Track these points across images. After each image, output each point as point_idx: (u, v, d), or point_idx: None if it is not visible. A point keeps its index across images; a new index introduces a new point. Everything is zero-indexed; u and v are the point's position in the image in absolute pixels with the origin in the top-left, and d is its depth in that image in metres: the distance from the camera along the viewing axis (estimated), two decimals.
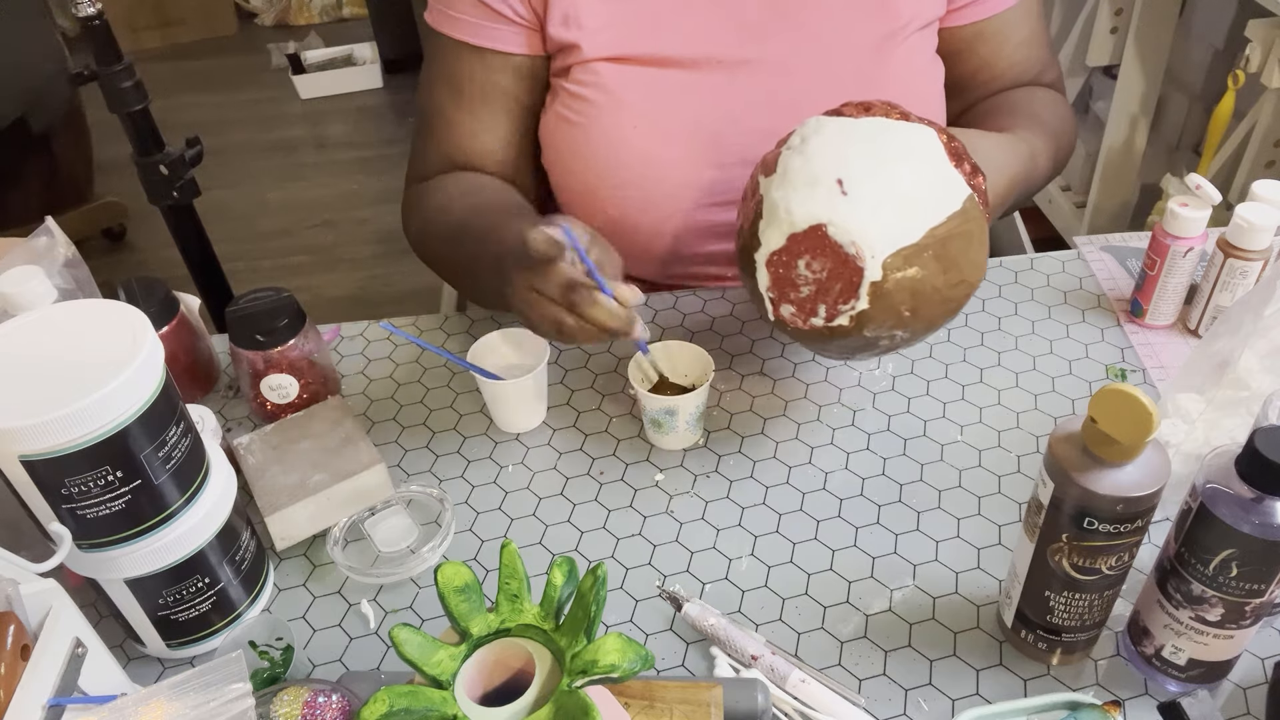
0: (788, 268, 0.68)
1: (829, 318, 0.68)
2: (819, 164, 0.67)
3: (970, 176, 0.68)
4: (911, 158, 0.67)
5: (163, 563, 0.65)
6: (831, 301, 0.67)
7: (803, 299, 0.68)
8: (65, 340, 0.61)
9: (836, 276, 0.66)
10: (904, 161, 0.67)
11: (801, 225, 0.66)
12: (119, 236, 2.75)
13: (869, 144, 0.67)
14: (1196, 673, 0.63)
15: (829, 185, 0.66)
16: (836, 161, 0.67)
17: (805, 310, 0.68)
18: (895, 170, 0.66)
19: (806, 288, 0.68)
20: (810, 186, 0.67)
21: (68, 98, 2.40)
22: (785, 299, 0.69)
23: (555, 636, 0.54)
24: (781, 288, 0.69)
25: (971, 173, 0.69)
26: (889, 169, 0.66)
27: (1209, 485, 0.57)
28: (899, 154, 0.67)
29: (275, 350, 0.84)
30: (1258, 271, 0.85)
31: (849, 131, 0.68)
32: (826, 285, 0.67)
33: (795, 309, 0.69)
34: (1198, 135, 1.98)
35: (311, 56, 3.52)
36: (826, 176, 0.66)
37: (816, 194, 0.66)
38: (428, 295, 2.36)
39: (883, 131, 0.68)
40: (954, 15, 0.94)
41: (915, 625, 0.70)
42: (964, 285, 0.68)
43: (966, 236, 0.67)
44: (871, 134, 0.68)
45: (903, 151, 0.67)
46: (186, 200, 1.70)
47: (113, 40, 1.51)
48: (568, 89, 0.90)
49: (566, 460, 0.84)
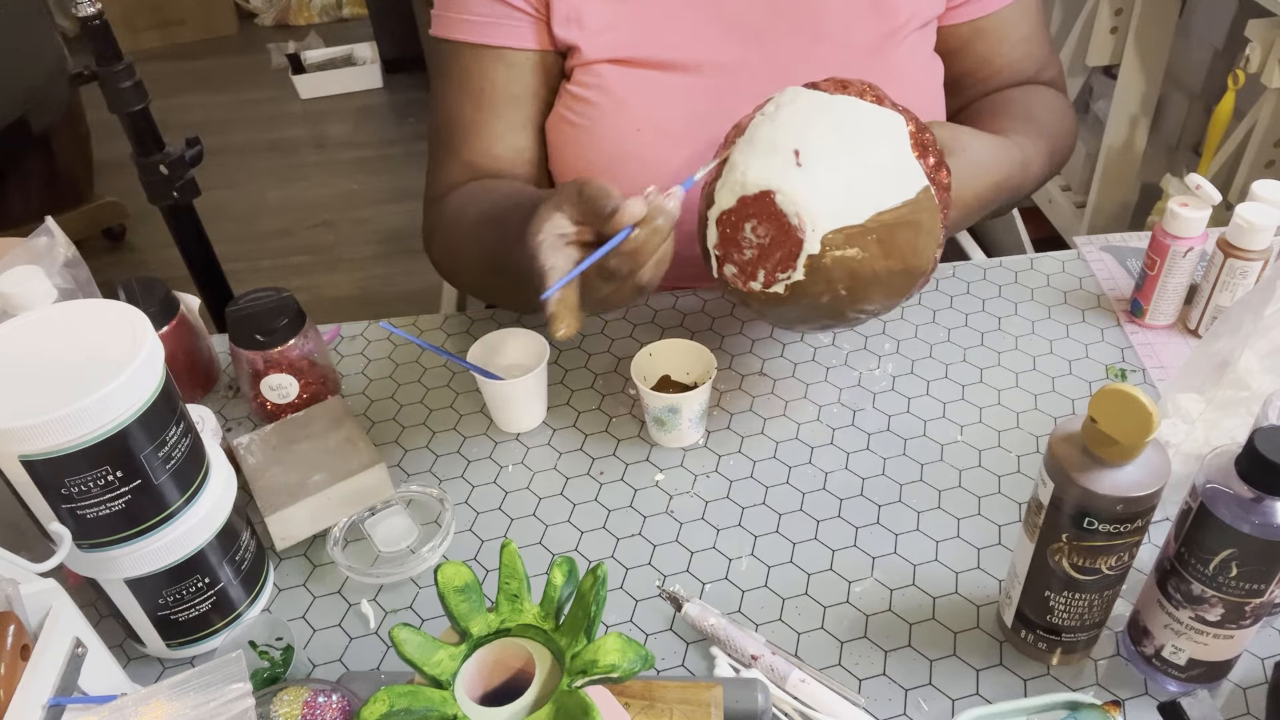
0: (735, 229, 0.69)
1: (766, 284, 0.68)
2: (782, 133, 0.68)
3: (933, 170, 0.69)
4: (873, 141, 0.68)
5: (163, 563, 0.65)
6: (770, 268, 0.68)
7: (745, 261, 0.69)
8: (65, 340, 0.61)
9: (778, 245, 0.67)
10: (865, 143, 0.67)
11: (752, 189, 0.68)
12: (119, 236, 2.75)
13: (835, 121, 0.68)
14: (1196, 673, 0.63)
15: (786, 154, 0.67)
16: (799, 133, 0.68)
17: (745, 273, 0.69)
18: (854, 150, 0.67)
19: (750, 250, 0.69)
20: (769, 154, 0.68)
21: (68, 98, 2.40)
22: (729, 259, 0.70)
23: (555, 636, 0.54)
24: (727, 247, 0.70)
25: (935, 166, 0.69)
26: (848, 148, 0.67)
27: (1209, 485, 0.57)
28: (862, 135, 0.68)
29: (275, 350, 0.84)
30: (1258, 271, 0.85)
31: (819, 106, 0.69)
32: (768, 251, 0.68)
33: (737, 270, 0.70)
34: (1198, 135, 1.98)
35: (311, 56, 3.52)
36: (785, 146, 0.67)
37: (773, 161, 0.67)
38: (428, 295, 2.36)
39: (852, 111, 0.69)
40: (953, 13, 0.94)
41: (915, 625, 0.70)
42: (905, 274, 0.68)
43: (915, 226, 0.67)
44: (841, 112, 0.69)
45: (866, 133, 0.68)
46: (186, 200, 1.70)
47: (113, 40, 1.51)
48: (570, 90, 0.90)
49: (566, 460, 0.84)
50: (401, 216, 2.77)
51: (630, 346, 0.95)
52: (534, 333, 0.87)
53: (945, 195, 0.70)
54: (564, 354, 0.94)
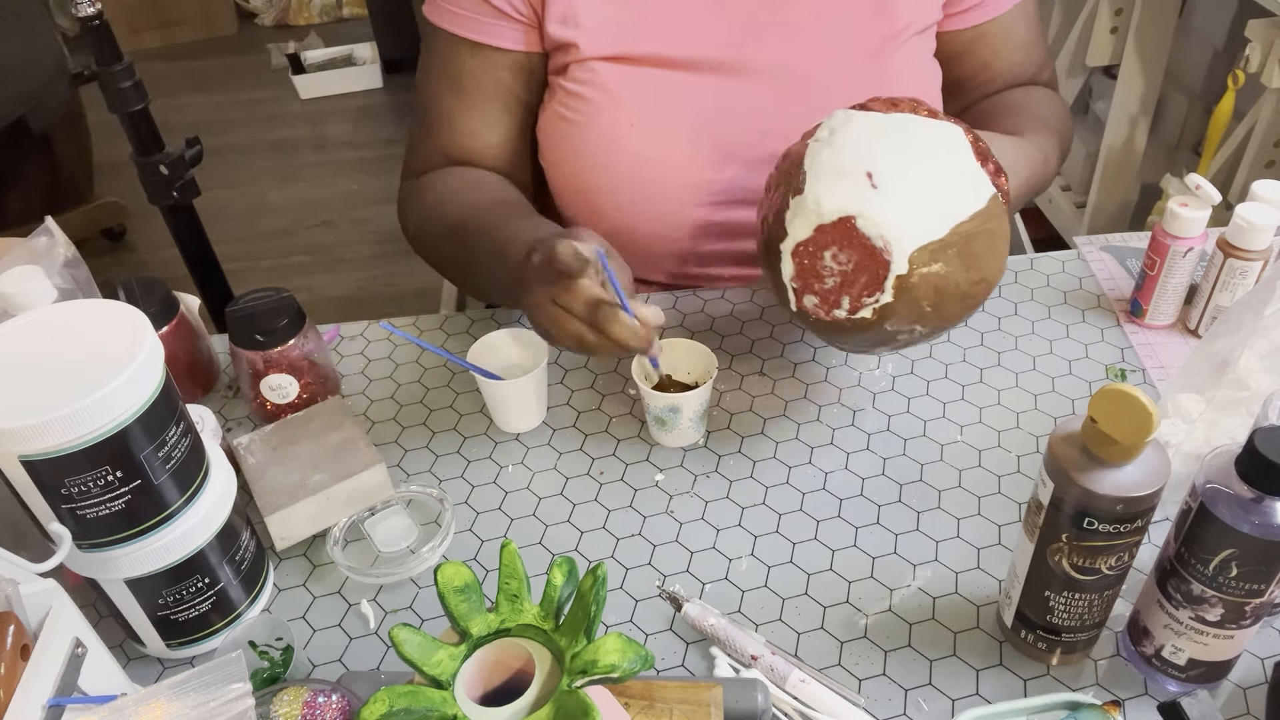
0: (814, 259, 0.68)
1: (852, 310, 0.68)
2: (848, 156, 0.67)
3: (994, 176, 0.69)
4: (940, 154, 0.67)
5: (163, 563, 0.65)
6: (856, 294, 0.67)
7: (827, 290, 0.69)
8: (65, 340, 0.61)
9: (863, 269, 0.67)
10: (933, 157, 0.67)
11: (830, 216, 0.67)
12: (119, 236, 2.74)
13: (898, 138, 0.68)
14: (1196, 673, 0.63)
15: (858, 177, 0.66)
16: (866, 154, 0.67)
17: (829, 302, 0.69)
18: (924, 166, 0.67)
19: (831, 279, 0.68)
20: (839, 179, 0.67)
21: (68, 98, 2.40)
22: (809, 289, 0.69)
23: (555, 636, 0.54)
24: (806, 278, 0.69)
25: (995, 172, 0.69)
26: (918, 164, 0.67)
27: (1209, 485, 0.57)
28: (928, 150, 0.67)
29: (275, 350, 0.84)
30: (1258, 271, 0.85)
31: (878, 126, 0.69)
32: (852, 277, 0.67)
33: (819, 300, 0.69)
34: (1198, 135, 1.98)
35: (311, 56, 3.52)
36: (856, 169, 0.67)
37: (845, 186, 0.67)
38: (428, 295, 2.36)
39: (911, 126, 0.69)
40: (955, 19, 0.94)
41: (915, 625, 0.70)
42: (984, 284, 0.68)
43: (990, 235, 0.67)
44: (900, 129, 0.68)
45: (931, 147, 0.68)
46: (186, 200, 1.70)
47: (113, 40, 1.51)
48: (565, 87, 0.90)
49: (566, 460, 0.84)
50: None
51: None
52: (534, 333, 0.87)
53: (1008, 200, 0.70)
54: (564, 354, 0.94)
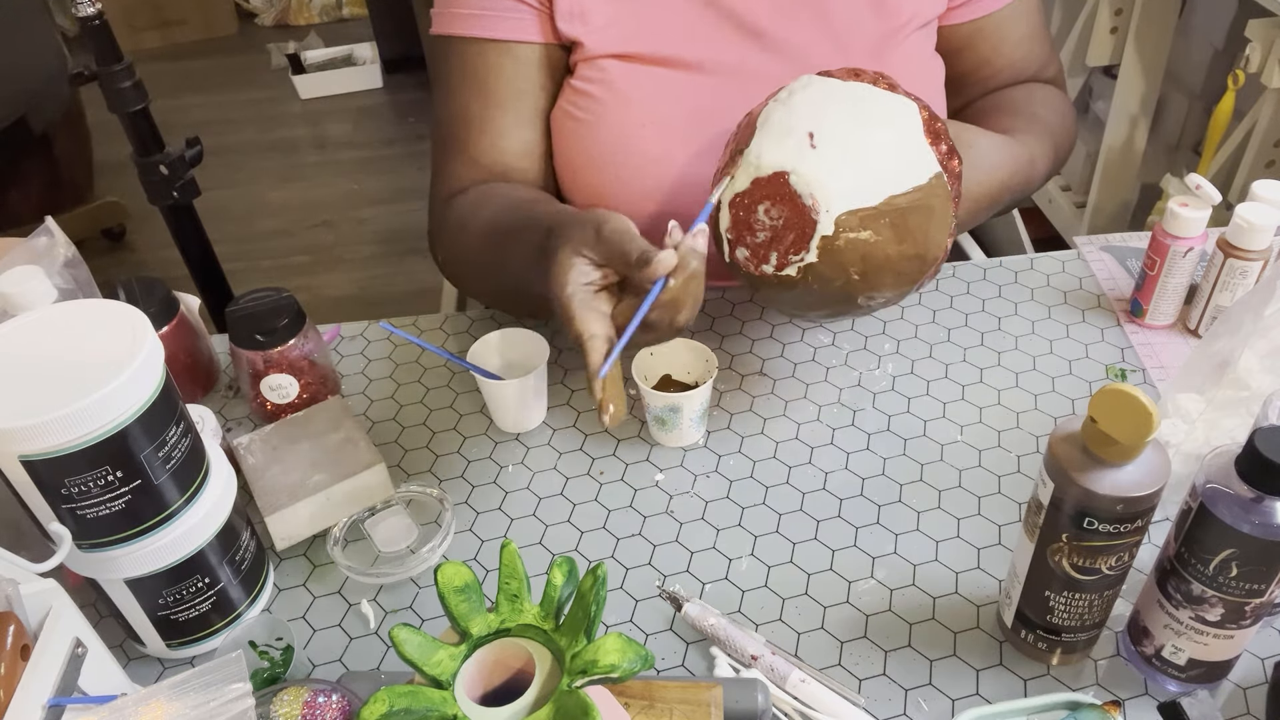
0: (748, 211, 0.69)
1: (779, 266, 0.68)
2: (797, 117, 0.69)
3: (945, 157, 0.69)
4: (887, 125, 0.68)
5: (163, 563, 0.65)
6: (783, 250, 0.68)
7: (758, 244, 0.69)
8: (65, 340, 0.61)
9: (791, 226, 0.67)
10: (878, 127, 0.68)
11: (767, 171, 0.68)
12: (119, 236, 2.75)
13: (849, 105, 0.69)
14: (1196, 673, 0.63)
15: (800, 136, 0.67)
16: (813, 116, 0.68)
17: (758, 256, 0.69)
18: (868, 133, 0.67)
19: (763, 233, 0.69)
20: (784, 136, 0.68)
21: (68, 98, 2.40)
22: (742, 241, 0.70)
23: (555, 636, 0.54)
24: (740, 230, 0.70)
25: (947, 154, 0.69)
26: (862, 131, 0.67)
27: (1209, 485, 0.57)
28: (875, 119, 0.68)
29: (275, 350, 0.84)
30: (1258, 271, 0.85)
31: (833, 91, 0.70)
32: (781, 233, 0.68)
33: (749, 253, 0.70)
34: (1198, 135, 1.98)
35: (311, 56, 3.52)
36: (800, 129, 0.68)
37: (786, 143, 0.68)
38: (428, 295, 2.36)
39: (866, 97, 0.69)
40: (954, 13, 0.94)
41: (915, 625, 0.70)
42: (918, 260, 0.68)
43: (927, 211, 0.67)
44: (854, 97, 0.69)
45: (880, 118, 0.68)
46: (186, 200, 1.70)
47: (113, 40, 1.51)
48: (574, 85, 0.90)
49: (566, 460, 0.84)
50: (401, 216, 2.77)
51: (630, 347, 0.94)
52: (534, 333, 0.87)
53: (957, 183, 0.70)
54: (564, 354, 0.94)
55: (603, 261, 0.66)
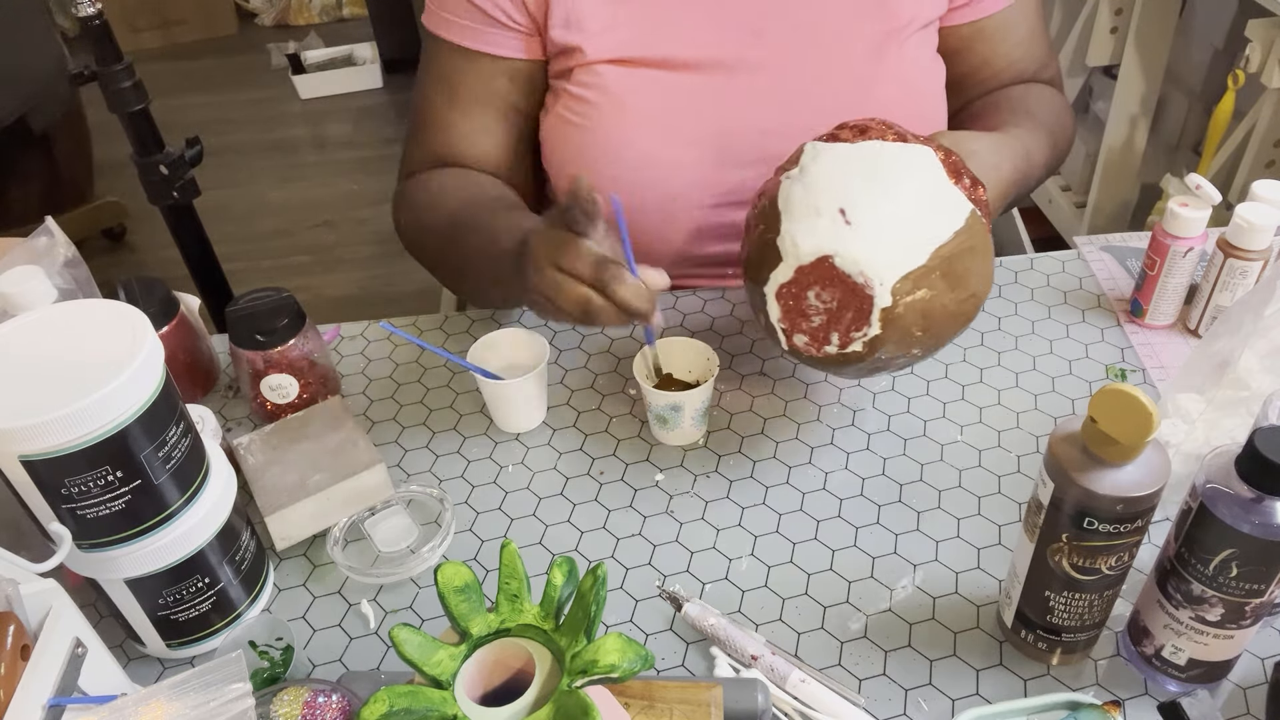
0: (798, 299, 0.69)
1: (843, 345, 0.68)
2: (820, 193, 0.67)
3: (971, 190, 0.69)
4: (911, 180, 0.67)
5: (163, 563, 0.65)
6: (844, 330, 0.67)
7: (815, 329, 0.69)
8: (65, 340, 0.61)
9: (847, 305, 0.67)
10: (904, 184, 0.67)
11: (808, 258, 0.67)
12: (119, 236, 2.75)
13: (868, 169, 0.68)
14: (1196, 673, 0.63)
15: (832, 215, 0.66)
16: (838, 190, 0.67)
17: (818, 339, 0.69)
18: (896, 194, 0.66)
19: (818, 317, 0.68)
20: (813, 217, 0.67)
21: (68, 98, 2.40)
22: (797, 329, 0.69)
23: (555, 636, 0.54)
24: (793, 319, 0.69)
25: (971, 186, 0.69)
26: (890, 194, 0.66)
27: (1209, 485, 0.57)
28: (898, 177, 0.67)
29: (275, 350, 0.84)
30: (1258, 271, 0.85)
31: (847, 157, 0.69)
32: (838, 314, 0.67)
33: (809, 339, 0.69)
34: (1198, 135, 1.98)
35: (311, 56, 3.52)
36: (829, 206, 0.67)
37: (820, 225, 0.67)
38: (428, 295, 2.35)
39: (880, 155, 0.68)
40: (954, 14, 0.94)
41: (915, 625, 0.70)
42: (973, 299, 0.68)
43: (972, 252, 0.67)
44: (869, 158, 0.68)
45: (902, 174, 0.67)
46: (186, 200, 1.70)
47: (113, 40, 1.51)
48: (570, 91, 0.90)
49: (566, 460, 0.84)
50: None
51: (630, 346, 0.95)
52: (534, 333, 0.87)
53: (987, 211, 0.70)
54: (564, 354, 0.94)
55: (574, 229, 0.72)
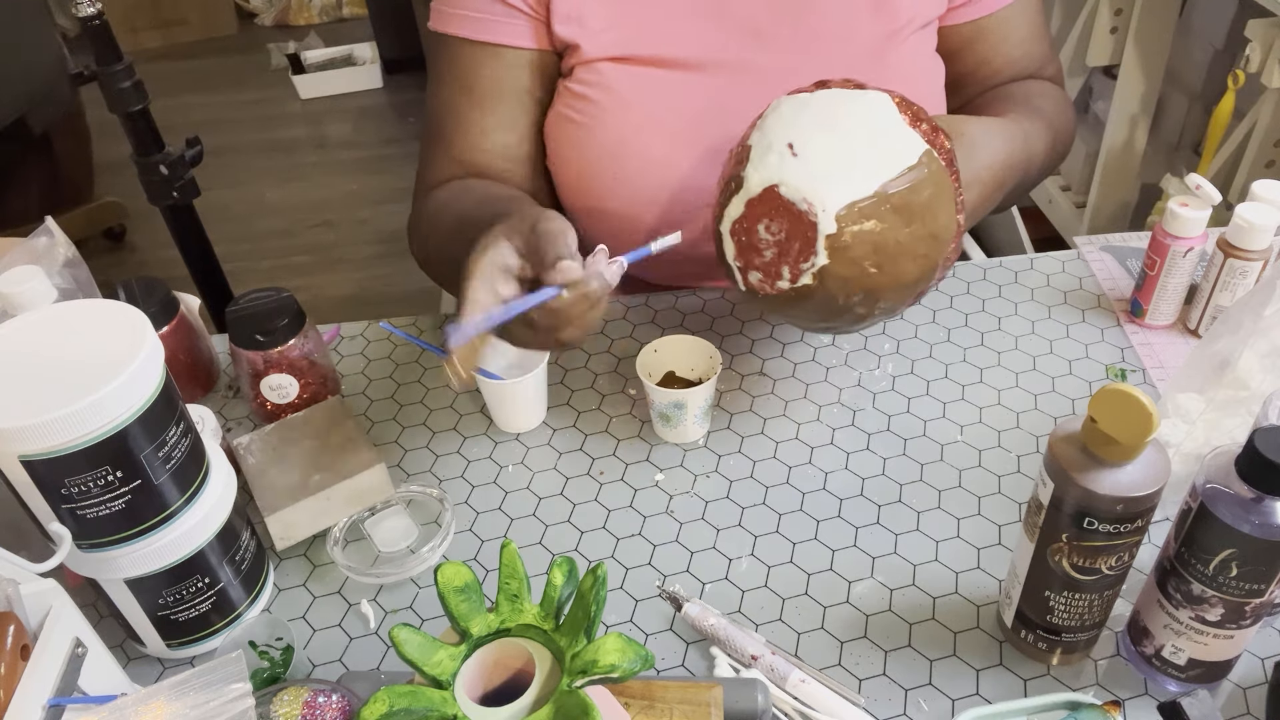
0: (749, 234, 0.69)
1: (793, 278, 0.68)
2: (772, 134, 0.69)
3: (930, 134, 0.69)
4: (863, 117, 0.68)
5: (163, 563, 0.65)
6: (793, 261, 0.68)
7: (767, 263, 0.69)
8: (65, 340, 0.61)
9: (794, 235, 0.67)
10: (855, 121, 0.68)
11: (757, 189, 0.68)
12: (119, 236, 2.75)
13: (821, 110, 0.69)
14: (1196, 673, 0.63)
15: (780, 150, 0.68)
16: (789, 129, 0.69)
17: (771, 274, 0.69)
18: (846, 129, 0.68)
19: (769, 250, 0.69)
20: (764, 154, 0.69)
21: (68, 98, 2.40)
22: (751, 265, 0.70)
23: (555, 636, 0.54)
24: (746, 255, 0.70)
25: (932, 131, 0.69)
26: (839, 128, 0.68)
27: (1209, 485, 0.57)
28: (850, 115, 0.69)
29: (275, 350, 0.84)
30: (1258, 271, 0.85)
31: (802, 103, 0.71)
32: (786, 245, 0.68)
33: (761, 274, 0.70)
34: (1198, 135, 1.98)
35: (311, 56, 3.52)
36: (779, 143, 0.68)
37: (769, 160, 0.68)
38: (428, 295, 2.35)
39: (836, 99, 0.70)
40: (954, 13, 0.94)
41: (915, 625, 0.70)
42: (931, 240, 0.68)
43: (927, 188, 0.67)
44: (825, 103, 0.70)
45: (854, 113, 0.69)
46: (186, 200, 1.70)
47: (113, 40, 1.51)
48: (571, 88, 0.90)
49: (566, 460, 0.84)
50: (401, 216, 2.75)
51: (630, 346, 0.95)
52: None
53: (950, 158, 0.70)
54: (564, 354, 0.94)
55: (525, 253, 0.66)
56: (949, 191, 0.68)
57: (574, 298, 0.62)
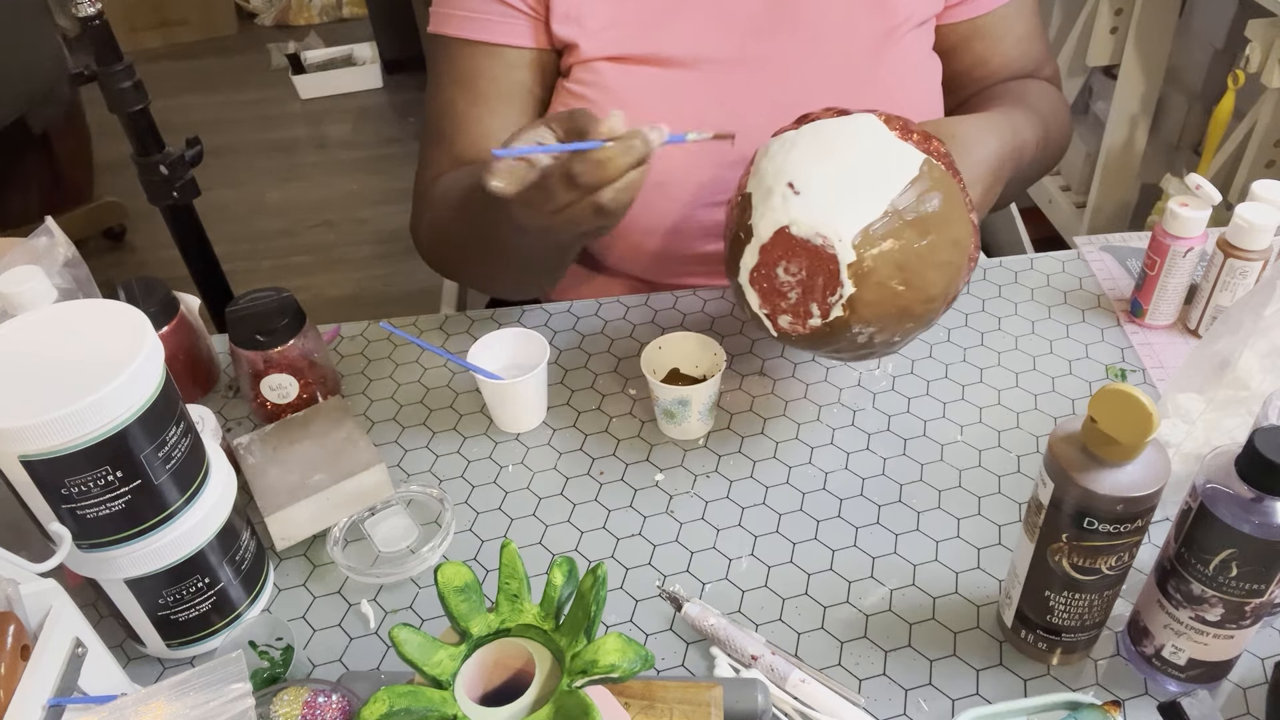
0: (770, 279, 0.69)
1: (824, 313, 0.68)
2: (769, 177, 0.69)
3: (923, 143, 0.69)
4: (853, 141, 0.68)
5: (163, 563, 0.65)
6: (821, 297, 0.67)
7: (793, 304, 0.69)
8: (65, 340, 0.61)
9: (816, 271, 0.67)
10: (846, 147, 0.68)
11: (767, 235, 0.68)
12: (119, 236, 2.75)
13: (811, 144, 0.69)
14: (1196, 673, 0.63)
15: (782, 191, 0.68)
16: (784, 169, 0.69)
17: (800, 314, 0.69)
18: (841, 158, 0.68)
19: (793, 292, 0.69)
20: (766, 199, 0.68)
21: (68, 98, 2.40)
22: (779, 310, 0.70)
23: (555, 636, 0.54)
24: (771, 300, 0.70)
25: (924, 139, 0.69)
26: (834, 158, 0.68)
27: (1209, 485, 0.57)
28: (841, 143, 0.69)
29: (275, 350, 0.84)
30: (1258, 271, 0.85)
31: (791, 141, 0.70)
32: (809, 283, 0.67)
33: (791, 316, 0.69)
34: (1198, 135, 1.98)
35: (311, 56, 3.52)
36: (778, 184, 0.68)
37: (773, 203, 0.68)
38: (428, 295, 2.36)
39: (822, 130, 0.70)
40: (951, 11, 0.94)
41: (915, 625, 0.70)
42: (952, 245, 0.68)
43: (936, 196, 0.67)
44: (812, 136, 0.70)
45: (844, 139, 0.69)
46: (186, 200, 1.70)
47: (113, 40, 1.51)
48: (569, 88, 0.90)
49: (566, 460, 0.84)
50: (401, 216, 2.75)
51: (631, 346, 0.95)
52: (534, 333, 0.87)
53: (948, 160, 0.70)
54: (564, 354, 0.94)
55: (564, 133, 0.70)
56: (957, 194, 0.68)
57: (619, 149, 0.65)
